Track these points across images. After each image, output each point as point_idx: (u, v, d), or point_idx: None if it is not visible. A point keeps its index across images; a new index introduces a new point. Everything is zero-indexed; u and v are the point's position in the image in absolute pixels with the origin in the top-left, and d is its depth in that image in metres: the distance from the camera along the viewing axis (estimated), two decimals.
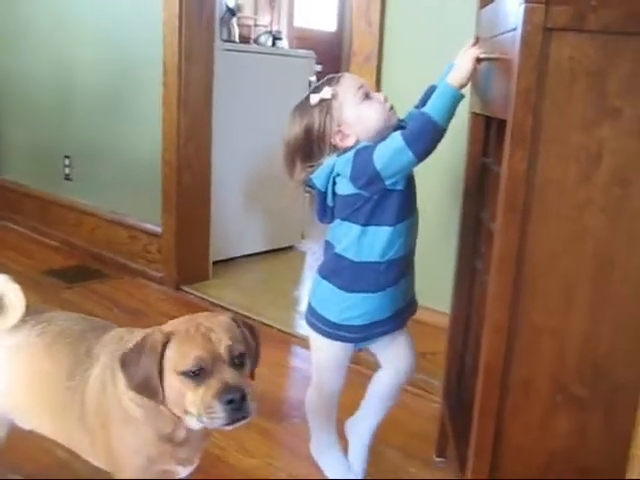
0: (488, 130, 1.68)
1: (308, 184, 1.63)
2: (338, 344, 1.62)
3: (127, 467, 1.29)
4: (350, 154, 1.49)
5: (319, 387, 1.74)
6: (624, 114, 1.22)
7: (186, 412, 1.20)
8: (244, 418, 1.16)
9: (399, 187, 1.50)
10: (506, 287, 1.28)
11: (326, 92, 1.55)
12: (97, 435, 1.30)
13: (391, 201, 1.50)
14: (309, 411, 1.78)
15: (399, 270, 1.57)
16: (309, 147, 1.56)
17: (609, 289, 1.29)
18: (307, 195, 4.11)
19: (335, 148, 1.54)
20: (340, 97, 1.54)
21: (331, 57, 4.43)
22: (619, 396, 1.28)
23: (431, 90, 1.52)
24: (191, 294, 3.20)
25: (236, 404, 1.14)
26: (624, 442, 1.21)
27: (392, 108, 1.56)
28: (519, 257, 1.26)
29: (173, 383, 1.18)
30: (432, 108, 1.42)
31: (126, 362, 1.21)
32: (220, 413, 1.14)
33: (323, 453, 1.79)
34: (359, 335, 1.60)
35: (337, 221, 1.58)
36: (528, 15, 1.17)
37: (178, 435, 1.26)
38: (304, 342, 2.68)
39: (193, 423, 1.22)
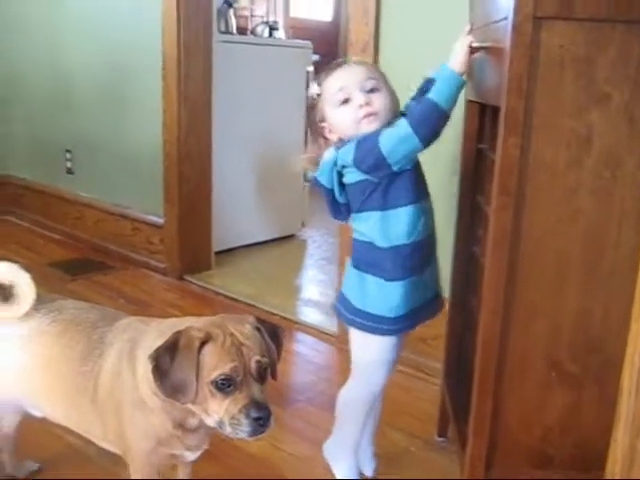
0: (483, 117, 1.71)
1: (314, 183, 1.62)
2: (384, 338, 1.58)
3: (136, 450, 1.33)
4: (351, 144, 1.49)
5: (360, 386, 1.68)
6: (613, 100, 1.26)
7: (207, 414, 1.22)
8: (264, 432, 1.20)
9: (408, 167, 1.50)
10: (501, 268, 1.32)
11: (314, 89, 1.56)
12: (109, 418, 1.33)
13: (403, 182, 1.50)
14: (343, 410, 1.71)
15: (425, 253, 1.57)
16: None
17: (600, 269, 1.34)
18: (306, 184, 4.16)
19: (326, 138, 1.57)
20: (322, 95, 1.55)
21: (328, 47, 4.47)
22: (611, 372, 1.32)
23: (427, 83, 1.53)
24: (194, 284, 3.24)
25: (262, 421, 1.18)
26: None
27: (371, 114, 1.49)
28: (513, 239, 1.31)
29: (200, 387, 1.19)
30: (436, 94, 1.42)
31: (159, 362, 1.19)
32: (246, 427, 1.18)
33: (340, 458, 1.75)
34: (403, 325, 1.56)
35: (355, 216, 1.57)
36: (518, 5, 1.21)
37: (190, 423, 1.29)
38: (306, 328, 2.74)
39: (210, 423, 1.24)
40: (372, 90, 1.50)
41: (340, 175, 1.54)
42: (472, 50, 1.47)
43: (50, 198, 4.03)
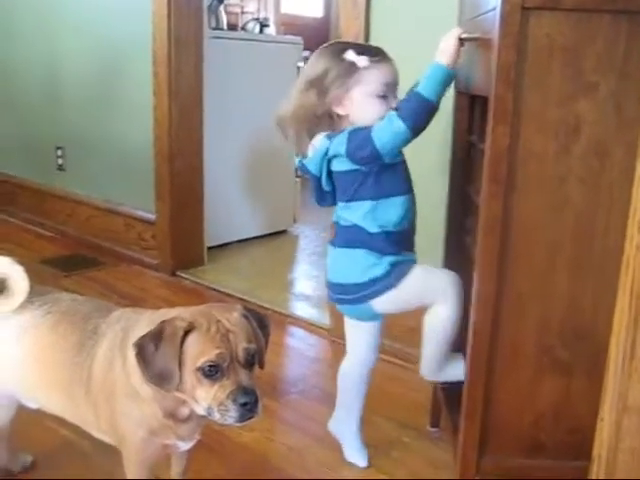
0: (473, 108, 1.73)
1: (302, 171, 1.66)
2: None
3: (130, 439, 1.33)
4: (344, 135, 1.54)
5: (353, 362, 1.76)
6: (600, 89, 1.27)
7: (196, 401, 1.23)
8: (253, 417, 1.21)
9: (399, 159, 1.58)
10: (492, 256, 1.34)
11: (362, 60, 1.54)
12: (101, 408, 1.34)
13: (393, 173, 1.57)
14: (343, 383, 1.79)
15: (410, 242, 1.66)
16: (320, 88, 1.57)
17: (590, 256, 1.35)
18: (297, 180, 4.17)
19: (327, 115, 1.58)
20: (365, 76, 1.54)
21: (319, 42, 4.45)
22: (601, 358, 1.33)
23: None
24: (187, 279, 3.25)
25: (250, 406, 1.19)
26: None
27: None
28: (503, 227, 1.32)
29: (186, 375, 1.21)
30: (423, 87, 1.47)
31: (142, 349, 1.21)
32: (233, 413, 1.19)
33: (347, 434, 1.81)
34: (404, 266, 1.61)
35: (342, 204, 1.62)
36: None
37: (182, 413, 1.30)
38: (299, 322, 2.75)
39: (199, 411, 1.25)
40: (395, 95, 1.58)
41: (328, 163, 1.58)
42: (461, 42, 1.49)
43: (42, 195, 4.02)
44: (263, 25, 4.50)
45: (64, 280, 3.11)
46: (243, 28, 4.41)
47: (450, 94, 1.71)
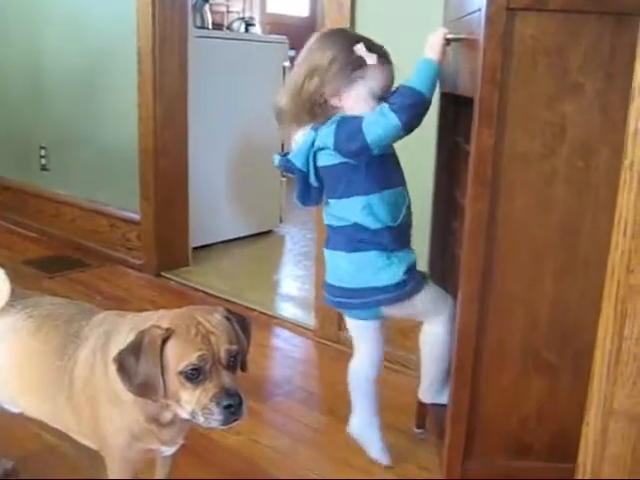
0: (458, 110, 1.72)
1: (285, 169, 1.63)
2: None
3: (112, 444, 1.31)
4: (331, 127, 1.50)
5: (362, 360, 1.73)
6: (586, 90, 1.27)
7: (180, 405, 1.22)
8: (237, 420, 1.20)
9: (389, 151, 1.55)
10: (478, 257, 1.33)
11: (371, 58, 1.51)
12: (84, 413, 1.32)
13: (383, 166, 1.53)
14: (355, 384, 1.76)
15: (407, 237, 1.62)
16: (323, 76, 1.51)
17: (576, 258, 1.35)
18: (284, 180, 4.16)
19: (319, 105, 1.53)
20: (370, 73, 1.52)
21: (304, 42, 4.44)
22: (586, 360, 1.33)
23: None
24: (172, 280, 3.23)
25: (234, 408, 1.18)
26: None
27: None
28: (489, 228, 1.32)
29: (169, 381, 1.19)
30: (415, 81, 1.44)
31: (123, 363, 1.19)
32: (217, 416, 1.17)
33: (368, 436, 1.77)
34: (418, 280, 1.59)
35: (333, 202, 1.57)
36: None
37: (165, 417, 1.28)
38: (284, 323, 2.74)
39: (184, 414, 1.24)
40: None
41: (314, 157, 1.54)
42: (447, 42, 1.48)
43: (25, 195, 3.99)
44: (249, 24, 4.49)
45: (48, 281, 3.08)
46: (228, 27, 4.39)
47: (435, 95, 1.70)
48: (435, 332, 1.62)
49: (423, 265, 1.81)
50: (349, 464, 1.79)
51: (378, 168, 1.52)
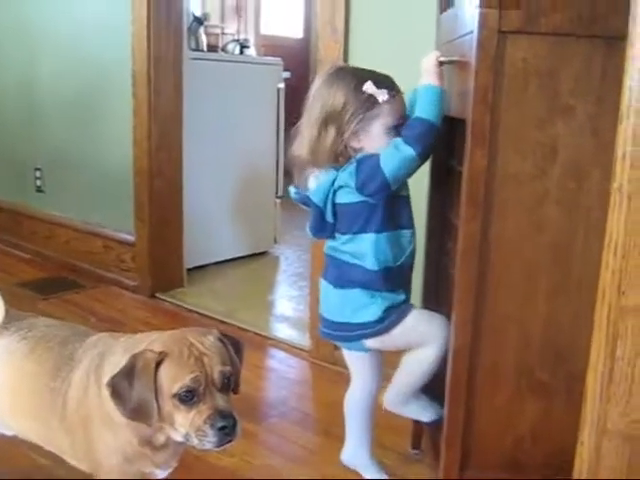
0: (451, 132, 1.73)
1: (302, 202, 1.64)
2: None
3: (105, 467, 1.31)
4: (352, 166, 1.51)
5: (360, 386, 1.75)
6: (577, 112, 1.29)
7: (174, 428, 1.22)
8: (231, 441, 1.20)
9: (404, 193, 1.58)
10: (471, 277, 1.34)
11: (382, 94, 1.50)
12: (77, 435, 1.32)
13: (397, 207, 1.56)
14: (349, 412, 1.78)
15: (407, 276, 1.64)
16: (339, 123, 1.51)
17: (568, 278, 1.36)
18: (278, 201, 4.17)
19: (340, 152, 1.53)
20: (384, 110, 1.51)
21: (299, 63, 4.51)
22: (579, 380, 1.33)
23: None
24: (166, 301, 3.22)
25: (228, 430, 1.18)
26: None
27: None
28: (482, 249, 1.33)
29: (163, 404, 1.19)
30: (421, 111, 1.46)
31: (117, 388, 1.19)
32: (212, 438, 1.18)
33: (363, 463, 1.79)
34: (398, 314, 1.60)
35: (347, 237, 1.58)
36: (483, 19, 1.24)
37: (158, 439, 1.28)
38: (279, 344, 2.74)
39: (177, 437, 1.24)
40: None
41: (335, 195, 1.56)
42: (440, 64, 1.49)
43: (20, 217, 3.98)
44: (243, 46, 4.52)
45: (42, 303, 3.07)
46: (223, 49, 4.42)
47: None
48: (423, 352, 1.61)
49: (418, 286, 1.82)
50: None
51: (394, 208, 1.55)
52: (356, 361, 1.72)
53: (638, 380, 0.88)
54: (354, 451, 1.79)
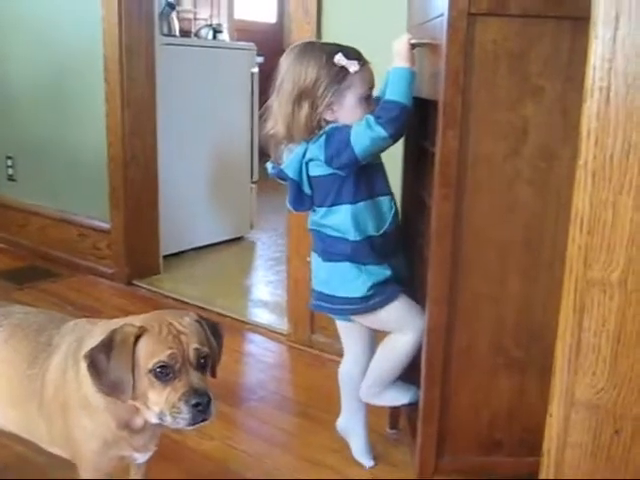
0: (423, 113, 1.74)
1: (279, 177, 1.65)
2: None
3: (84, 452, 1.31)
4: (322, 139, 1.52)
5: (347, 359, 1.78)
6: (546, 92, 1.31)
7: (147, 407, 1.23)
8: (205, 420, 1.20)
9: (377, 161, 1.58)
10: (444, 258, 1.36)
11: (352, 65, 1.51)
12: (55, 421, 1.32)
13: (370, 176, 1.56)
14: (343, 384, 1.80)
15: (393, 244, 1.63)
16: (312, 97, 1.52)
17: (540, 257, 1.38)
18: (254, 186, 4.17)
19: (315, 125, 1.54)
20: (355, 80, 1.53)
21: (272, 48, 4.45)
22: (552, 358, 1.36)
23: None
24: (143, 288, 3.21)
25: (202, 407, 1.19)
26: None
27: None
28: (455, 229, 1.35)
29: (139, 380, 1.20)
30: (394, 93, 1.47)
31: (94, 361, 1.19)
32: (185, 414, 1.18)
33: (353, 433, 1.81)
34: (385, 296, 1.61)
35: (325, 210, 1.60)
36: (453, 1, 1.25)
37: (136, 423, 1.29)
38: (257, 329, 2.74)
39: (152, 418, 1.24)
40: None
41: (307, 167, 1.57)
42: (412, 47, 1.50)
43: None
44: (216, 31, 4.48)
45: (17, 293, 3.05)
46: (196, 34, 4.39)
47: None
48: (399, 339, 1.63)
49: None
50: (324, 466, 1.81)
51: (366, 177, 1.56)
52: (346, 331, 1.74)
53: (604, 351, 0.90)
54: (348, 419, 1.81)
